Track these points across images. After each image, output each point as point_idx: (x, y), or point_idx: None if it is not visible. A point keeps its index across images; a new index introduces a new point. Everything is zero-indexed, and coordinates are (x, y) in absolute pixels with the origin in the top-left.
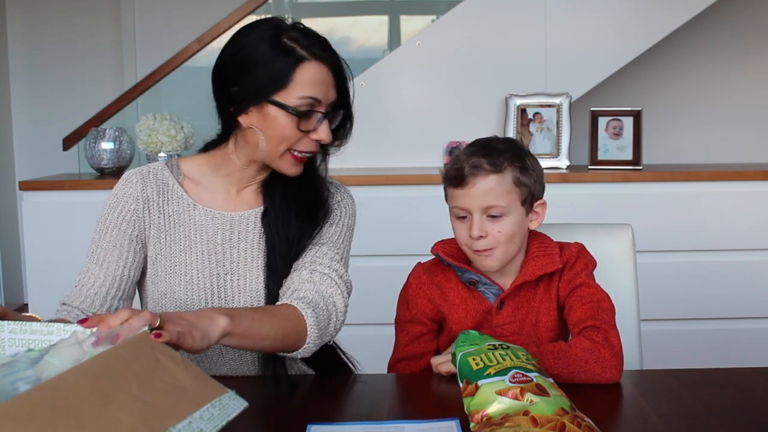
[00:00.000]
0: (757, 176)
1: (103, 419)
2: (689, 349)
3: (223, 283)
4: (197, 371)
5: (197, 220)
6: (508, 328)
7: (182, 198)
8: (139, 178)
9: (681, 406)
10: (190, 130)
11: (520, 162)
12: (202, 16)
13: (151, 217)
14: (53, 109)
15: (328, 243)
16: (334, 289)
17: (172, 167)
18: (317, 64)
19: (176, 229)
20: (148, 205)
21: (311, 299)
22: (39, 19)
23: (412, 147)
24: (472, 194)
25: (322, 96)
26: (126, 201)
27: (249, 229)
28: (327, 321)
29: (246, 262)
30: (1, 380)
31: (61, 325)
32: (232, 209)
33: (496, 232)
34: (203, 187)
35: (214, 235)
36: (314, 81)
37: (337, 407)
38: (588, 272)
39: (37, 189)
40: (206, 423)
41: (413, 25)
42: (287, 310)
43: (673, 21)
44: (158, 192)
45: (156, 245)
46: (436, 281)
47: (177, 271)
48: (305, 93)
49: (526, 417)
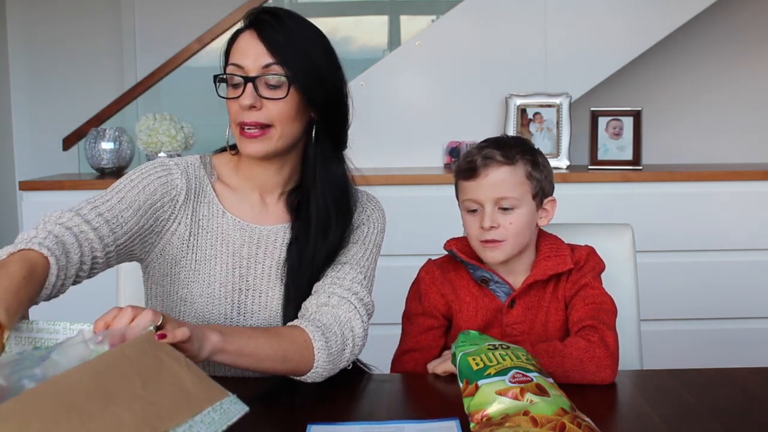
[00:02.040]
0: (757, 176)
1: (106, 416)
2: (689, 349)
3: (244, 299)
4: (200, 373)
5: (225, 229)
6: (518, 327)
7: (213, 203)
8: (182, 172)
9: (681, 406)
10: (190, 130)
11: (532, 156)
12: (202, 16)
13: (185, 217)
14: (53, 109)
15: (351, 262)
16: (353, 313)
17: (206, 165)
18: (243, 33)
19: (203, 235)
20: (187, 204)
21: (324, 323)
22: (39, 19)
23: (412, 147)
24: (485, 185)
25: (242, 60)
26: (167, 189)
27: (276, 245)
28: (341, 347)
29: (270, 279)
30: (7, 378)
31: (66, 324)
32: (260, 222)
33: (508, 224)
34: (232, 191)
35: (240, 247)
36: (236, 48)
37: (337, 407)
38: (594, 274)
39: (37, 189)
40: (207, 427)
41: (413, 25)
42: (293, 333)
43: (672, 21)
44: (195, 192)
45: (180, 247)
46: (448, 277)
47: (199, 280)
48: (230, 61)
49: (526, 417)
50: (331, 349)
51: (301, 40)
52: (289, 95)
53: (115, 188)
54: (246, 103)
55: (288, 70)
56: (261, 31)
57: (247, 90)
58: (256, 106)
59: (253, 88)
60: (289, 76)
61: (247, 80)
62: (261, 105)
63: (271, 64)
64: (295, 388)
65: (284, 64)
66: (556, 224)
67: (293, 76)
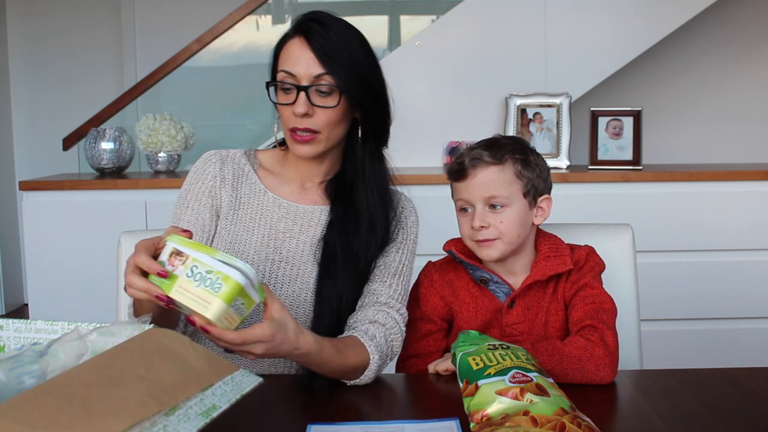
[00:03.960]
0: (757, 176)
1: (109, 399)
2: (689, 349)
3: (276, 270)
4: (207, 352)
5: (265, 205)
6: (517, 327)
7: (255, 184)
8: (218, 159)
9: (681, 406)
10: (190, 130)
11: (522, 155)
12: (202, 14)
13: (225, 195)
14: (53, 109)
15: (396, 275)
16: (398, 335)
17: (250, 156)
18: (292, 40)
19: (244, 210)
20: (224, 183)
21: (379, 342)
22: (39, 19)
23: (412, 147)
24: (473, 185)
25: (294, 68)
26: (205, 177)
27: (312, 223)
28: (384, 364)
29: (303, 254)
30: (7, 374)
31: (65, 324)
32: (299, 202)
33: (498, 223)
34: (275, 177)
35: (278, 222)
36: (287, 56)
37: (337, 407)
38: (594, 274)
39: (37, 189)
40: (219, 398)
41: (413, 25)
42: (359, 354)
43: (673, 21)
44: (234, 174)
45: (223, 220)
46: (447, 279)
47: (235, 248)
48: (281, 68)
49: (526, 417)
50: (380, 365)
51: (348, 46)
52: (339, 103)
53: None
54: (300, 111)
55: (338, 79)
56: (310, 40)
57: (300, 99)
58: (309, 114)
59: (306, 98)
60: (340, 86)
61: (299, 89)
62: (313, 112)
63: (322, 74)
64: (295, 388)
65: (334, 73)
66: (556, 224)
67: (343, 84)
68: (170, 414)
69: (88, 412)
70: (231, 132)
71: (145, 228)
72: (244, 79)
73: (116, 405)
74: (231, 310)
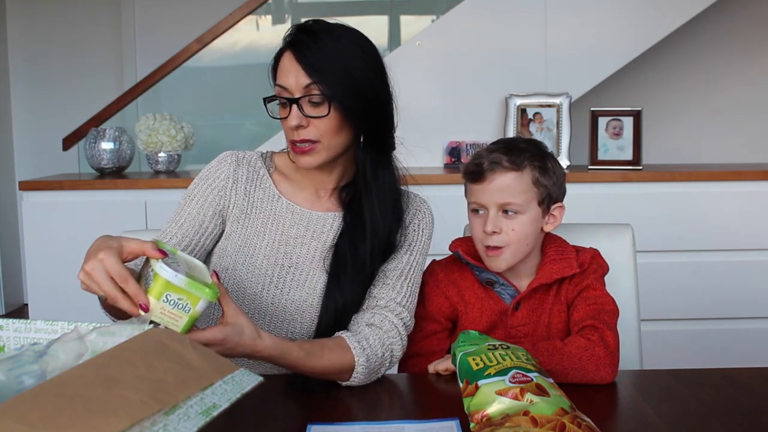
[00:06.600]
0: (757, 176)
1: (110, 399)
2: (689, 349)
3: (285, 275)
4: (207, 351)
5: (278, 211)
6: (522, 329)
7: (269, 188)
8: (234, 160)
9: (681, 406)
10: (190, 130)
11: (541, 162)
12: (202, 13)
13: (237, 197)
14: (53, 109)
15: (402, 278)
16: (397, 339)
17: (266, 159)
18: (284, 54)
19: (256, 214)
20: (236, 185)
21: (370, 344)
22: (39, 19)
23: (411, 147)
24: (490, 189)
25: (285, 81)
26: (218, 176)
27: (325, 230)
28: (378, 367)
29: (313, 260)
30: (6, 374)
31: (65, 324)
32: (312, 208)
33: (510, 230)
34: (290, 182)
35: (290, 228)
36: (280, 70)
37: (337, 407)
38: (597, 276)
39: (37, 189)
40: (219, 398)
41: (413, 25)
42: (341, 354)
43: (673, 21)
44: (248, 177)
45: (233, 224)
46: (452, 279)
47: (245, 251)
48: (276, 83)
49: (526, 417)
50: (370, 368)
51: (338, 55)
52: (331, 112)
53: (179, 211)
54: (293, 124)
55: (326, 88)
56: (297, 52)
57: (293, 111)
58: (303, 125)
59: (298, 109)
60: (328, 94)
61: (291, 102)
62: (308, 123)
63: (309, 84)
64: (295, 388)
65: (322, 82)
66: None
67: (332, 93)
68: (170, 413)
69: (88, 411)
70: (231, 132)
71: (145, 228)
72: (244, 79)
73: (116, 405)
74: (167, 306)
